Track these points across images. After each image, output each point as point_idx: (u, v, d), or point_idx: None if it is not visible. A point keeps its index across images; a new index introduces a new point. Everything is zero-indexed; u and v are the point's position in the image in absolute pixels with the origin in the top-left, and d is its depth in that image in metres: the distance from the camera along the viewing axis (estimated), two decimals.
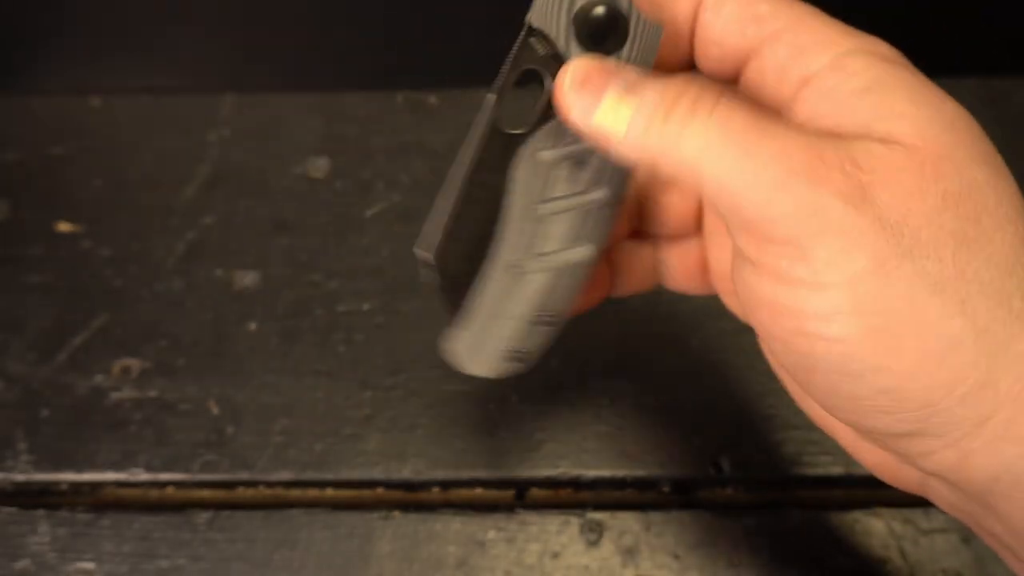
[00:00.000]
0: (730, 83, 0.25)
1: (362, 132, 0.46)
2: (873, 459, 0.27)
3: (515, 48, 0.25)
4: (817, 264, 0.20)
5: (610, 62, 0.24)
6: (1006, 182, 0.22)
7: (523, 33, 0.25)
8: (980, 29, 0.46)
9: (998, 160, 0.22)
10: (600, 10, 0.25)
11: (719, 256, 0.29)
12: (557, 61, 0.25)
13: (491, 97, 0.25)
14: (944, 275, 0.20)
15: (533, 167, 0.26)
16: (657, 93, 0.22)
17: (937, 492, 0.25)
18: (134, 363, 0.40)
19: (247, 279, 0.42)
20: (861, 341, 0.21)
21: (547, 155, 0.26)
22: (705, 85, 0.22)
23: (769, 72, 0.24)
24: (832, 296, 0.20)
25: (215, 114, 0.47)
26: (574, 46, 0.25)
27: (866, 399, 0.21)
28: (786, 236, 0.21)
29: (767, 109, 0.23)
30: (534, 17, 0.25)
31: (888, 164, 0.21)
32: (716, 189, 0.21)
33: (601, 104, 0.23)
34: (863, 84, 0.22)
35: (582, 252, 0.28)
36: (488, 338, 0.28)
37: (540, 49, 0.25)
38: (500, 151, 0.26)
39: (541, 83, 0.25)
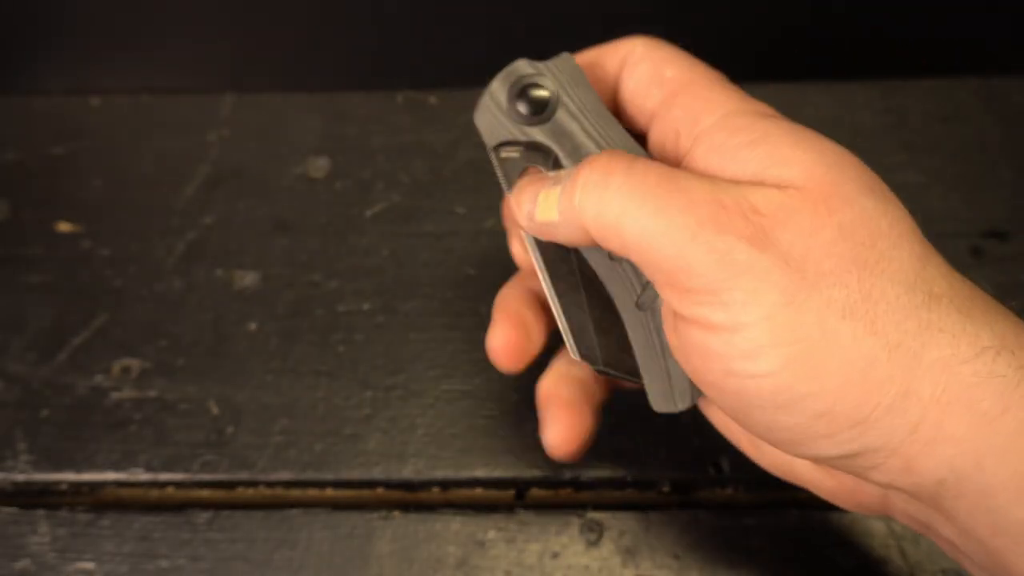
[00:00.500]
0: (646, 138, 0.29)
1: (362, 132, 0.46)
2: (833, 486, 0.29)
3: (497, 170, 0.28)
4: (733, 306, 0.22)
5: (541, 173, 0.28)
6: (894, 206, 0.23)
7: (492, 155, 0.28)
8: (980, 29, 0.46)
9: (883, 187, 0.24)
10: (522, 92, 0.28)
11: None
12: (531, 147, 0.28)
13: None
14: (851, 299, 0.22)
15: None
16: (574, 172, 0.25)
17: (897, 507, 0.27)
18: (134, 363, 0.40)
19: (247, 279, 0.42)
20: (785, 371, 0.22)
21: None
22: (616, 153, 0.25)
23: (669, 131, 0.27)
24: (751, 334, 0.22)
25: (215, 114, 0.47)
26: (528, 130, 0.28)
27: (804, 427, 0.23)
28: (702, 284, 0.23)
29: (672, 164, 0.25)
30: (489, 140, 0.28)
31: (784, 206, 0.23)
32: (637, 245, 0.24)
33: (537, 203, 0.26)
34: (749, 138, 0.24)
35: None
36: (671, 373, 0.29)
37: (513, 152, 0.28)
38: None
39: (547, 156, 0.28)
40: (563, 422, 0.30)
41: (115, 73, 0.49)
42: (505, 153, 0.28)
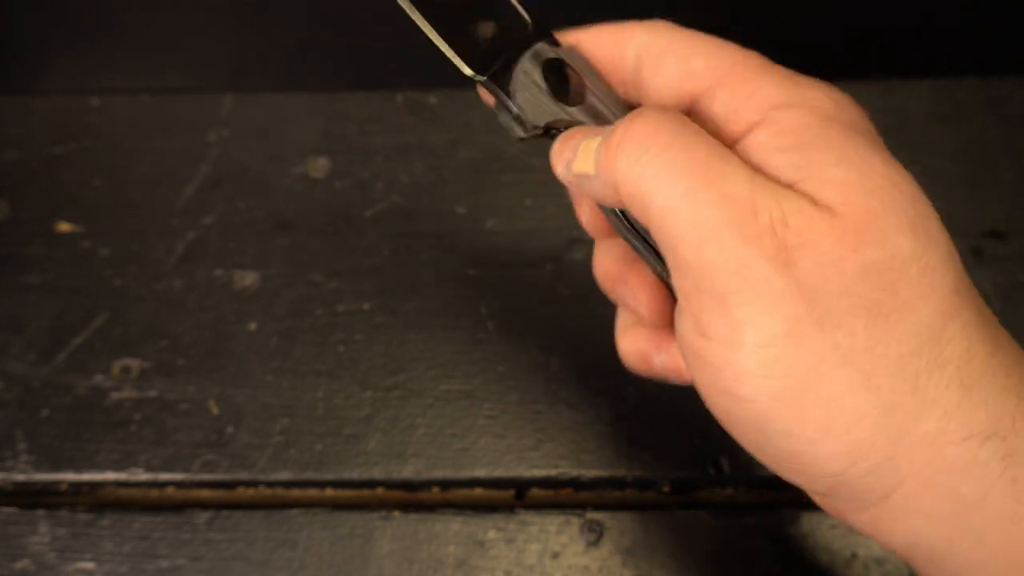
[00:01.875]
0: None
1: (362, 132, 0.46)
2: (826, 506, 0.27)
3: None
4: (735, 322, 0.21)
5: (587, 126, 0.26)
6: (934, 250, 0.21)
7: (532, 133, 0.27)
8: (980, 29, 0.46)
9: (930, 223, 0.22)
10: (552, 72, 0.27)
11: None
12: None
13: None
14: (854, 348, 0.20)
15: None
16: (617, 129, 0.23)
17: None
18: (134, 363, 0.40)
19: (247, 279, 0.42)
20: (768, 404, 0.21)
21: None
22: (670, 114, 0.23)
23: (706, 126, 0.24)
24: (745, 357, 0.21)
25: (215, 114, 0.47)
26: (570, 110, 0.26)
27: (780, 459, 0.22)
28: (711, 288, 0.21)
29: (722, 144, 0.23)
30: (534, 119, 0.26)
31: (813, 226, 0.21)
32: (659, 223, 0.22)
33: (577, 153, 0.24)
34: (791, 142, 0.22)
35: None
36: None
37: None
38: None
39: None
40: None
41: (115, 73, 0.49)
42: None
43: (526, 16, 0.27)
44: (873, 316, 0.20)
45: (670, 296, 0.27)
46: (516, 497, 0.37)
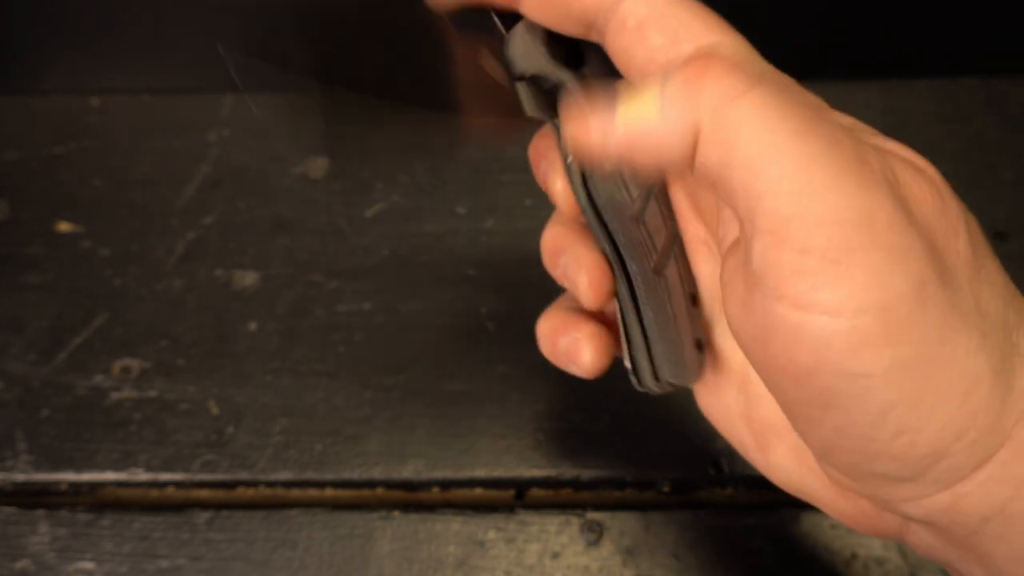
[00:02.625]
0: None
1: (362, 132, 0.46)
2: (850, 510, 0.25)
3: (522, 94, 0.25)
4: (852, 284, 0.18)
5: (593, 95, 0.23)
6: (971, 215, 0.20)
7: (517, 85, 0.25)
8: (980, 29, 0.46)
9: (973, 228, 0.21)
10: (565, 38, 0.25)
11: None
12: (549, 93, 0.25)
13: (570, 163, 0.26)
14: (968, 306, 0.19)
15: (608, 183, 0.26)
16: (693, 64, 0.19)
17: (917, 537, 0.23)
18: (134, 363, 0.40)
19: (247, 279, 0.42)
20: (888, 375, 0.18)
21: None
22: (740, 56, 0.20)
23: None
24: (863, 323, 0.18)
25: (215, 114, 0.47)
26: (561, 73, 0.25)
27: (877, 442, 0.19)
28: (822, 245, 0.18)
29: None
30: (521, 66, 0.25)
31: (918, 181, 0.19)
32: (753, 171, 0.18)
33: (621, 109, 0.20)
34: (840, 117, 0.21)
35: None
36: (676, 346, 0.27)
37: (530, 90, 0.26)
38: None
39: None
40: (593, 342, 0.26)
41: (115, 73, 0.49)
42: (524, 89, 0.25)
43: None
44: (972, 271, 0.19)
45: (609, 276, 0.26)
46: (516, 497, 0.37)
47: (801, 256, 0.18)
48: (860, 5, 0.46)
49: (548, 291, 0.41)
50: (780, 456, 0.26)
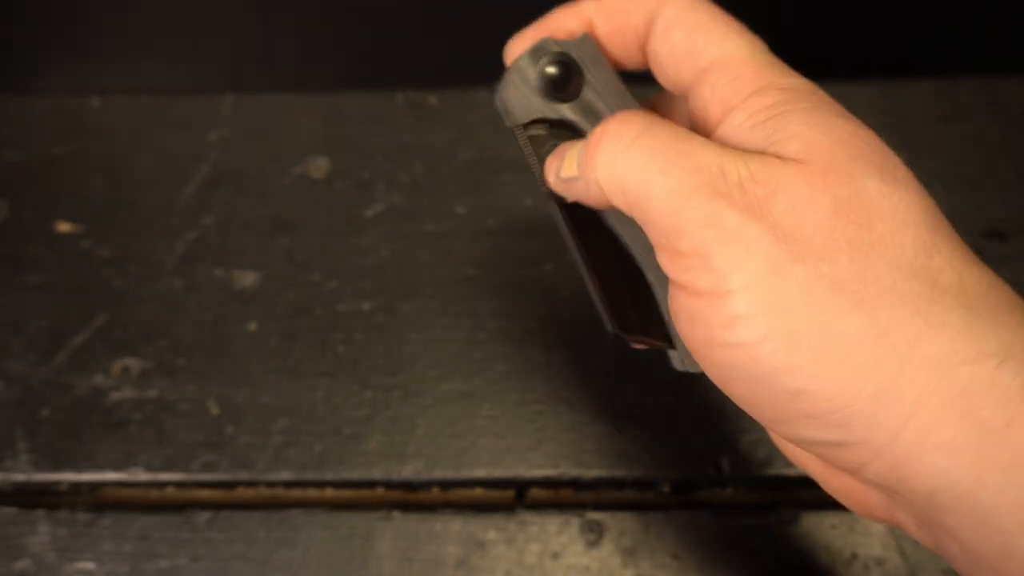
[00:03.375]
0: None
1: (362, 132, 0.46)
2: (839, 486, 0.27)
3: (525, 148, 0.28)
4: (718, 272, 0.22)
5: (575, 141, 0.27)
6: (903, 191, 0.22)
7: (518, 133, 0.28)
8: (980, 29, 0.46)
9: (897, 171, 0.23)
10: (551, 69, 0.27)
11: None
12: (557, 126, 0.28)
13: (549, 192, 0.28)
14: (840, 276, 0.21)
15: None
16: (593, 133, 0.25)
17: (904, 518, 0.25)
18: (134, 363, 0.40)
19: (247, 279, 0.42)
20: (764, 343, 0.21)
21: None
22: (636, 114, 0.25)
23: (699, 107, 0.26)
24: (734, 302, 0.22)
25: (215, 114, 0.47)
26: (558, 107, 0.28)
27: (784, 404, 0.22)
28: (691, 247, 0.22)
29: (690, 130, 0.25)
30: (518, 117, 0.28)
31: (781, 176, 0.22)
32: (638, 203, 0.24)
33: (564, 160, 0.26)
34: (764, 116, 0.24)
35: None
36: None
37: (540, 131, 0.28)
38: (582, 212, 0.28)
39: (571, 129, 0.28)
40: None
41: (115, 73, 0.49)
42: (532, 131, 0.28)
43: None
44: (854, 248, 0.21)
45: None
46: (516, 497, 0.37)
47: (680, 257, 0.23)
48: (860, 5, 0.46)
49: (548, 291, 0.41)
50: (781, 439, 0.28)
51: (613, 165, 0.24)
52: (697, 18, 0.26)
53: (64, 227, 0.44)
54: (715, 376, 0.24)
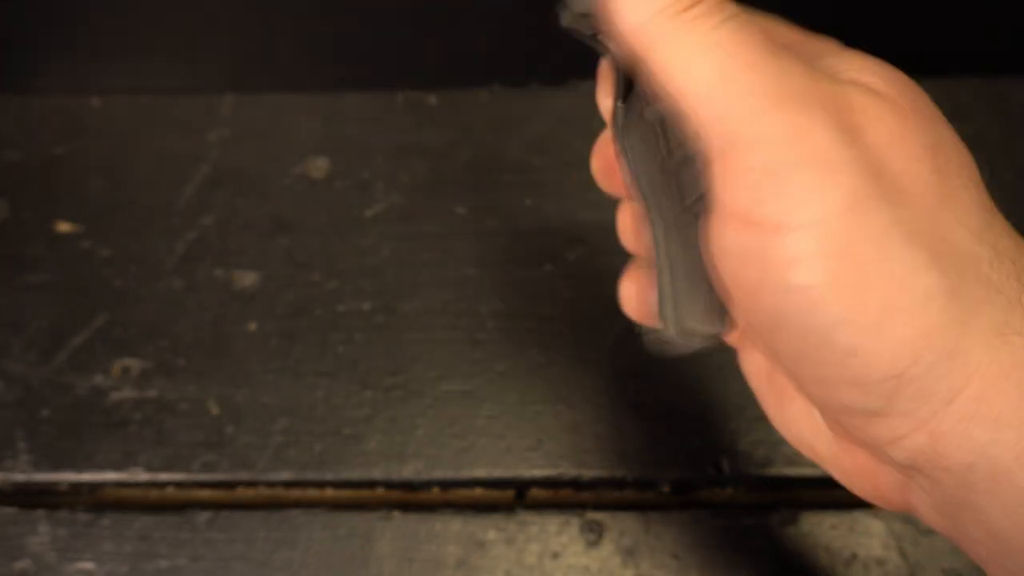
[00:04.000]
0: None
1: (362, 132, 0.46)
2: (852, 467, 0.25)
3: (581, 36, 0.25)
4: (788, 199, 0.19)
5: None
6: (963, 146, 0.22)
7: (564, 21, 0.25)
8: (980, 29, 0.46)
9: (957, 139, 0.22)
10: None
11: None
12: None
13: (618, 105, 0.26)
14: (920, 226, 0.19)
15: (643, 130, 0.26)
16: None
17: (920, 502, 0.23)
18: (134, 363, 0.40)
19: (247, 279, 0.42)
20: (826, 288, 0.19)
21: (649, 113, 0.26)
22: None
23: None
24: (800, 239, 0.19)
25: (215, 114, 0.47)
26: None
27: (833, 365, 0.20)
28: (763, 162, 0.19)
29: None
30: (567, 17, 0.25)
31: (877, 108, 0.21)
32: (702, 99, 0.20)
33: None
34: (829, 49, 0.23)
35: None
36: (702, 293, 0.26)
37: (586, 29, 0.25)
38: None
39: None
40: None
41: (115, 73, 0.49)
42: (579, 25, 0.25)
43: None
44: (935, 196, 0.20)
45: (634, 219, 0.27)
46: (516, 497, 0.37)
47: (744, 174, 0.20)
48: (860, 5, 0.46)
49: (548, 291, 0.41)
50: (793, 414, 0.26)
51: (682, 40, 0.21)
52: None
53: (64, 227, 0.44)
54: (761, 325, 0.21)
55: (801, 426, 0.26)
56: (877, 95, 0.21)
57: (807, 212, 0.19)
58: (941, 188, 0.20)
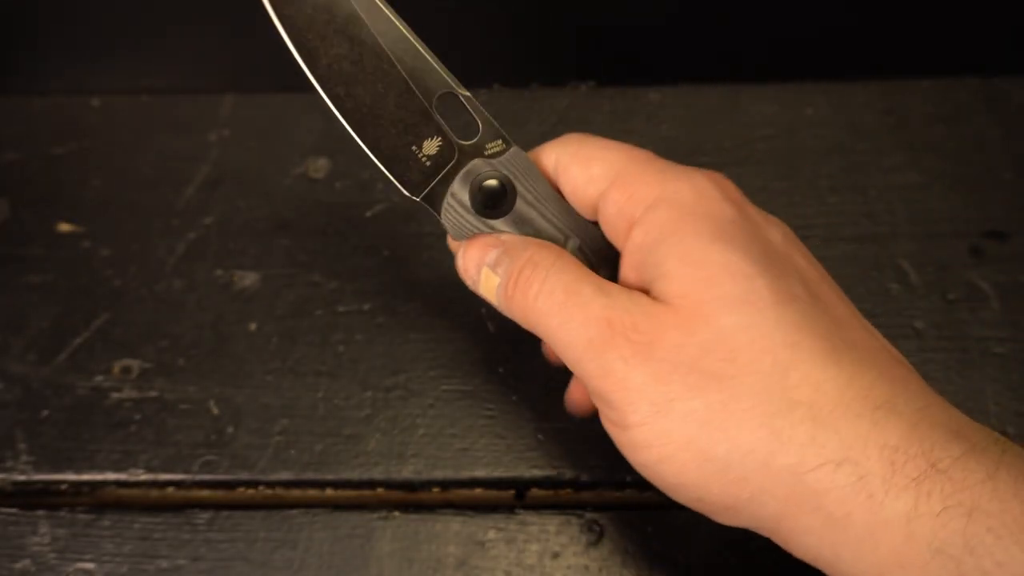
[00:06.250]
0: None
1: None
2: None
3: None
4: (617, 412, 0.26)
5: (483, 236, 0.30)
6: (761, 318, 0.26)
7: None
8: (980, 29, 0.46)
9: (760, 295, 0.26)
10: (487, 184, 0.30)
11: None
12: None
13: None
14: (710, 411, 0.25)
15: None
16: (507, 270, 0.29)
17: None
18: (134, 363, 0.40)
19: (247, 279, 0.42)
20: (660, 466, 0.26)
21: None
22: (539, 262, 0.28)
23: (608, 224, 0.29)
24: (633, 435, 0.26)
25: (215, 114, 0.47)
26: (492, 223, 0.30)
27: (692, 504, 0.27)
28: (596, 390, 0.27)
29: (590, 269, 0.29)
30: (456, 237, 0.31)
31: (659, 325, 0.26)
32: (552, 346, 0.28)
33: (480, 279, 0.30)
34: (652, 239, 0.27)
35: None
36: None
37: None
38: None
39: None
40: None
41: (115, 73, 0.49)
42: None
43: (478, 120, 0.30)
44: (719, 382, 0.25)
45: None
46: (516, 497, 0.37)
47: (593, 395, 0.28)
48: (860, 5, 0.46)
49: None
50: None
51: (526, 316, 0.28)
52: (588, 151, 0.30)
53: (64, 227, 0.44)
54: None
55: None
56: (661, 310, 0.26)
57: (632, 418, 0.26)
58: (727, 371, 0.25)
